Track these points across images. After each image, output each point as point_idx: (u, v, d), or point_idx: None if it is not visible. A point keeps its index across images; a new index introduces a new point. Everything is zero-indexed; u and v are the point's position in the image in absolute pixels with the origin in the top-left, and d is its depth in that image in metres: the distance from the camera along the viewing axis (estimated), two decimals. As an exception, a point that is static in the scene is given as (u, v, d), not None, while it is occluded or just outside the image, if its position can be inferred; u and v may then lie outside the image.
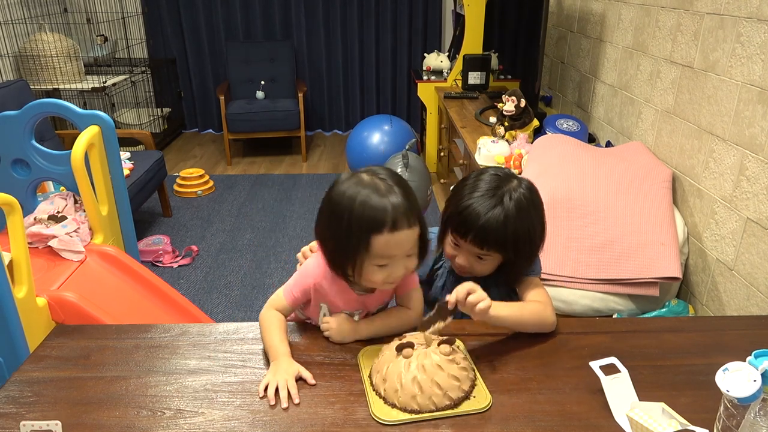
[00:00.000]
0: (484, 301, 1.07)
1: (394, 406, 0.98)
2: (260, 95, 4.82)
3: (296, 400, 1.00)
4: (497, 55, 3.99)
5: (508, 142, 2.60)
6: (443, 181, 4.00)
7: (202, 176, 4.09)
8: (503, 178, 1.21)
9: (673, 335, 1.21)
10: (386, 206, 1.03)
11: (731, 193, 1.80)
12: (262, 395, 1.01)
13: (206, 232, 3.49)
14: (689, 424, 0.91)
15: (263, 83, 4.90)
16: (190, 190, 4.01)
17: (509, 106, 2.60)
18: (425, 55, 4.48)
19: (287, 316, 1.20)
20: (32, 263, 1.84)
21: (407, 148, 3.57)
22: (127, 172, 3.10)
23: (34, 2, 4.32)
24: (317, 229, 1.12)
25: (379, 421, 0.96)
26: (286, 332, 1.14)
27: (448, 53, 4.46)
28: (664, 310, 1.88)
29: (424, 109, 4.30)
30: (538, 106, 3.05)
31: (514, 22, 3.65)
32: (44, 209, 2.22)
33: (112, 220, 2.38)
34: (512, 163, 2.40)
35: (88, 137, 2.19)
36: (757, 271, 1.69)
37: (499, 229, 1.14)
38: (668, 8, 2.20)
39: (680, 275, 1.83)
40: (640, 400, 0.98)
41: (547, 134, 2.53)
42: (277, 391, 1.01)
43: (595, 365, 1.00)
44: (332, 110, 5.47)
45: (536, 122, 2.68)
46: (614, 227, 1.91)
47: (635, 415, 0.91)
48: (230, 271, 3.04)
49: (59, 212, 2.22)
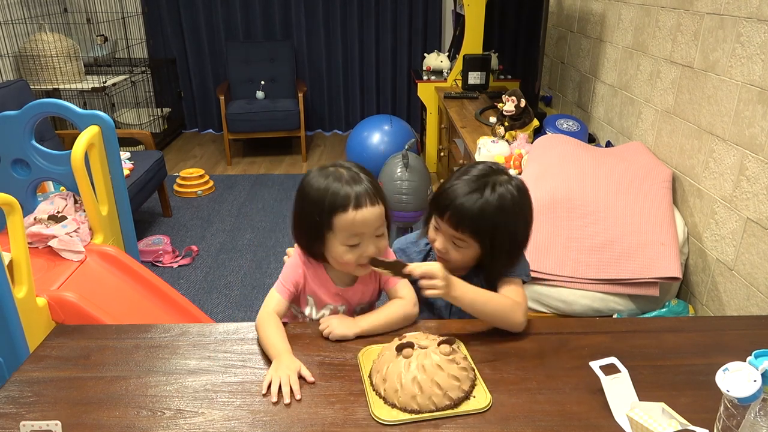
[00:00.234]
0: (434, 290, 1.10)
1: (394, 406, 0.98)
2: (260, 95, 4.82)
3: (298, 396, 1.00)
4: (497, 55, 3.99)
5: (508, 142, 2.60)
6: (443, 181, 4.00)
7: (202, 176, 4.09)
8: (495, 170, 1.22)
9: (673, 335, 1.21)
10: (349, 188, 1.12)
11: (731, 193, 1.80)
12: (264, 392, 1.02)
13: (206, 232, 3.49)
14: (689, 424, 0.91)
15: (263, 83, 4.90)
16: (190, 190, 4.01)
17: (509, 106, 2.60)
18: (425, 55, 4.48)
19: (284, 315, 1.21)
20: (32, 263, 1.84)
21: (407, 147, 3.57)
22: (127, 172, 3.10)
23: (34, 2, 4.32)
24: (292, 220, 1.20)
25: (379, 421, 0.96)
26: (284, 332, 1.15)
27: (448, 53, 4.46)
28: (664, 310, 1.88)
29: (424, 109, 4.30)
30: (538, 106, 3.05)
31: (514, 22, 3.65)
32: (44, 209, 2.22)
33: (112, 220, 2.38)
34: (512, 163, 2.39)
35: (88, 137, 2.19)
36: (757, 271, 1.69)
37: (474, 211, 1.15)
38: (668, 8, 2.20)
39: (680, 275, 1.83)
40: (640, 400, 0.98)
41: (547, 134, 2.53)
42: (279, 388, 1.01)
43: (595, 365, 1.00)
44: (332, 110, 5.47)
45: (536, 122, 2.67)
46: (614, 227, 1.91)
47: (635, 415, 0.91)
48: (230, 271, 3.04)
49: (59, 212, 2.22)
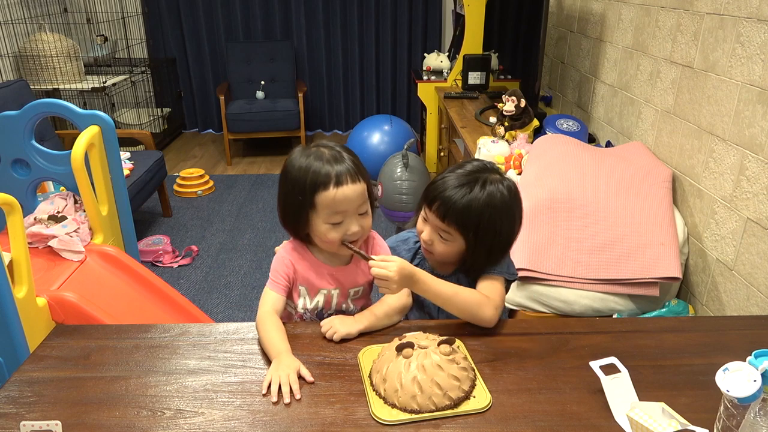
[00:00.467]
0: (388, 290, 1.13)
1: (394, 406, 0.98)
2: (260, 95, 4.82)
3: (297, 395, 1.00)
4: (497, 55, 3.99)
5: (508, 142, 2.60)
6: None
7: (202, 176, 4.09)
8: (488, 168, 1.22)
9: (673, 335, 1.21)
10: (329, 166, 1.13)
11: (731, 193, 1.80)
12: (265, 392, 1.02)
13: (206, 232, 3.49)
14: (689, 424, 0.91)
15: (263, 83, 4.90)
16: (190, 190, 4.01)
17: (509, 106, 2.60)
18: (425, 55, 4.48)
19: (282, 311, 1.21)
20: (32, 263, 1.84)
21: (406, 147, 3.57)
22: (127, 172, 3.10)
23: (34, 2, 4.32)
24: (278, 202, 1.21)
25: (379, 421, 0.96)
26: (284, 331, 1.15)
27: (448, 53, 4.46)
28: (664, 310, 1.88)
29: (424, 109, 4.30)
30: (538, 106, 3.05)
31: (514, 22, 3.64)
32: (44, 209, 2.22)
33: (112, 220, 2.38)
34: (512, 163, 2.39)
35: (88, 137, 2.19)
36: (757, 271, 1.69)
37: (462, 204, 1.16)
38: (668, 8, 2.20)
39: (680, 275, 1.83)
40: (640, 400, 0.98)
41: (547, 134, 2.53)
42: (279, 388, 1.01)
43: (595, 365, 1.00)
44: (332, 110, 5.47)
45: (536, 122, 2.67)
46: (614, 227, 1.91)
47: (635, 415, 0.91)
48: (230, 271, 3.04)
49: (59, 212, 2.22)
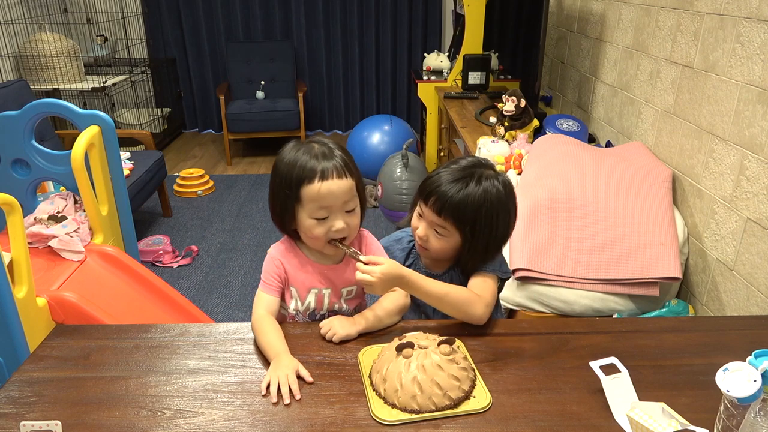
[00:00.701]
0: (367, 289, 1.14)
1: (394, 406, 0.98)
2: (260, 95, 4.82)
3: (297, 396, 1.00)
4: (497, 55, 3.99)
5: (508, 142, 2.60)
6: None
7: (202, 176, 4.09)
8: (482, 164, 1.23)
9: (673, 335, 1.21)
10: (316, 161, 1.13)
11: (731, 193, 1.80)
12: (264, 393, 1.02)
13: (206, 232, 3.49)
14: (689, 424, 0.91)
15: (263, 83, 4.90)
16: (190, 190, 4.02)
17: (509, 106, 2.60)
18: (425, 55, 4.48)
19: (276, 313, 1.21)
20: (32, 263, 1.84)
21: (405, 147, 3.57)
22: (127, 172, 3.10)
23: (34, 2, 4.32)
24: (268, 198, 1.22)
25: (379, 421, 0.96)
26: (280, 332, 1.15)
27: (448, 53, 4.46)
28: (664, 310, 1.88)
29: (424, 109, 4.30)
30: (538, 106, 3.05)
31: (514, 22, 3.64)
32: (44, 209, 2.22)
33: (112, 220, 2.38)
34: (512, 163, 2.39)
35: (88, 137, 2.19)
36: (757, 271, 1.69)
37: (458, 199, 1.16)
38: (668, 8, 2.20)
39: (680, 275, 1.83)
40: (640, 400, 0.98)
41: (547, 134, 2.53)
42: (278, 388, 1.01)
43: (595, 365, 1.00)
44: (332, 110, 5.47)
45: (536, 122, 2.67)
46: (614, 227, 1.91)
47: (635, 415, 0.91)
48: (230, 271, 3.04)
49: (59, 212, 2.22)
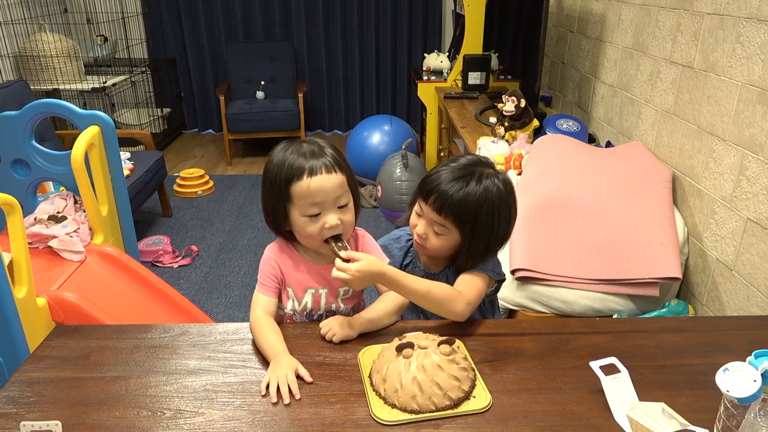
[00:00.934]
0: (346, 279, 1.10)
1: (394, 406, 0.98)
2: (260, 95, 4.82)
3: (297, 396, 1.00)
4: (497, 55, 3.99)
5: (508, 142, 2.60)
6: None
7: (202, 176, 4.09)
8: (482, 162, 1.23)
9: (673, 335, 1.21)
10: (304, 159, 1.12)
11: (731, 193, 1.80)
12: (264, 393, 1.02)
13: (206, 232, 3.49)
14: (689, 424, 0.91)
15: (263, 83, 4.90)
16: (190, 190, 4.02)
17: (509, 106, 2.60)
18: (425, 55, 4.47)
19: (274, 314, 1.21)
20: (32, 263, 1.84)
21: (404, 147, 3.57)
22: (127, 172, 3.10)
23: (34, 2, 4.32)
24: (261, 200, 1.22)
25: (379, 421, 0.96)
26: (279, 332, 1.15)
27: (448, 53, 4.46)
28: (664, 310, 1.88)
29: (424, 109, 4.30)
30: (538, 106, 3.05)
31: (514, 22, 3.64)
32: (44, 209, 2.22)
33: (112, 220, 2.38)
34: (512, 163, 2.39)
35: (88, 137, 2.19)
36: (757, 271, 1.69)
37: (459, 197, 1.16)
38: (668, 8, 2.20)
39: (680, 275, 1.83)
40: (640, 400, 0.98)
41: (547, 134, 2.53)
42: (278, 389, 1.01)
43: (595, 365, 1.00)
44: (332, 110, 5.47)
45: (536, 122, 2.67)
46: (614, 227, 1.91)
47: (635, 415, 0.91)
48: (230, 271, 3.04)
49: (59, 212, 2.22)
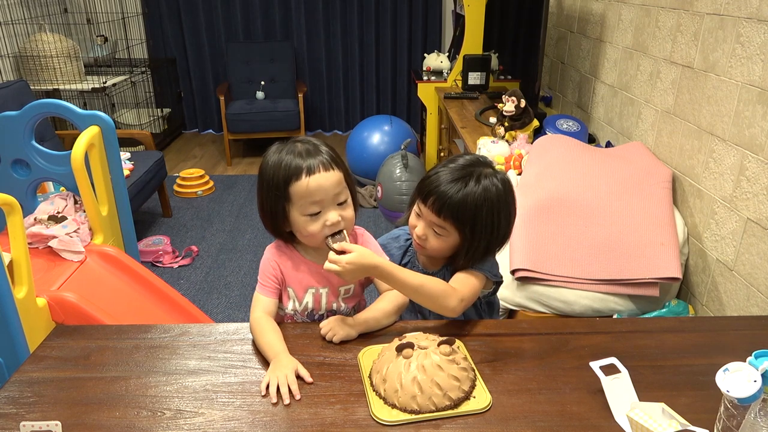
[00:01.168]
0: (337, 271, 1.10)
1: (394, 406, 0.98)
2: (260, 95, 4.82)
3: (297, 396, 1.00)
4: (497, 55, 3.99)
5: (508, 142, 2.60)
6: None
7: (202, 176, 4.09)
8: (481, 162, 1.22)
9: (673, 335, 1.21)
10: (301, 159, 1.12)
11: (731, 193, 1.80)
12: (264, 393, 1.02)
13: (206, 232, 3.49)
14: (689, 424, 0.91)
15: (263, 83, 4.90)
16: (190, 190, 4.02)
17: (509, 106, 2.60)
18: (425, 55, 4.48)
19: (274, 314, 1.21)
20: (32, 263, 1.84)
21: (403, 147, 3.57)
22: (127, 172, 3.10)
23: (34, 2, 4.32)
24: (257, 203, 1.20)
25: (379, 421, 0.96)
26: (279, 332, 1.15)
27: (448, 53, 4.46)
28: (664, 310, 1.88)
29: (424, 109, 4.30)
30: (538, 106, 3.05)
31: (514, 22, 3.64)
32: (44, 210, 2.22)
33: (112, 220, 2.38)
34: (512, 163, 2.39)
35: (88, 138, 2.19)
36: (757, 271, 1.68)
37: (458, 199, 1.15)
38: (668, 8, 2.20)
39: (680, 275, 1.83)
40: (640, 400, 0.98)
41: (547, 134, 2.53)
42: (278, 389, 1.01)
43: (595, 365, 1.00)
44: (332, 110, 5.47)
45: (536, 122, 2.67)
46: (614, 227, 1.91)
47: (635, 415, 0.91)
48: (230, 271, 3.04)
49: (59, 213, 2.22)
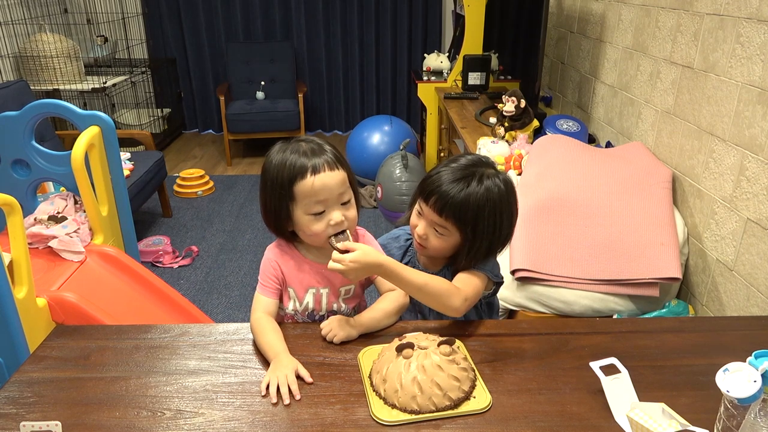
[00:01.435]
0: (341, 269, 1.09)
1: (394, 406, 0.98)
2: (260, 96, 4.82)
3: (297, 396, 1.00)
4: (497, 55, 3.99)
5: (508, 142, 2.60)
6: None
7: (202, 177, 4.09)
8: (484, 162, 1.22)
9: (673, 335, 1.21)
10: (306, 158, 1.12)
11: (731, 193, 1.80)
12: (264, 393, 1.02)
13: (206, 232, 3.49)
14: (689, 424, 0.91)
15: (263, 83, 4.90)
16: (190, 190, 4.02)
17: (509, 106, 2.60)
18: (425, 55, 4.48)
19: (275, 314, 1.21)
20: (32, 264, 1.84)
21: (402, 147, 3.57)
22: (127, 172, 3.10)
23: (34, 3, 4.32)
24: (260, 202, 1.20)
25: (379, 421, 0.96)
26: (280, 332, 1.14)
27: (448, 54, 4.46)
28: (664, 310, 1.88)
29: (424, 109, 4.30)
30: (538, 106, 3.05)
31: (514, 22, 3.65)
32: (44, 210, 2.22)
33: (112, 220, 2.38)
34: (512, 163, 2.39)
35: (88, 138, 2.19)
36: (757, 271, 1.68)
37: (460, 199, 1.15)
38: (668, 9, 2.20)
39: (680, 276, 1.83)
40: (640, 400, 0.98)
41: (547, 135, 2.53)
42: (278, 389, 1.01)
43: (595, 365, 1.00)
44: (332, 110, 5.47)
45: (536, 123, 2.67)
46: (614, 228, 1.91)
47: (635, 415, 0.91)
48: (230, 271, 3.04)
49: (59, 213, 2.22)
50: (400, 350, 1.01)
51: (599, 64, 2.85)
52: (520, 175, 2.31)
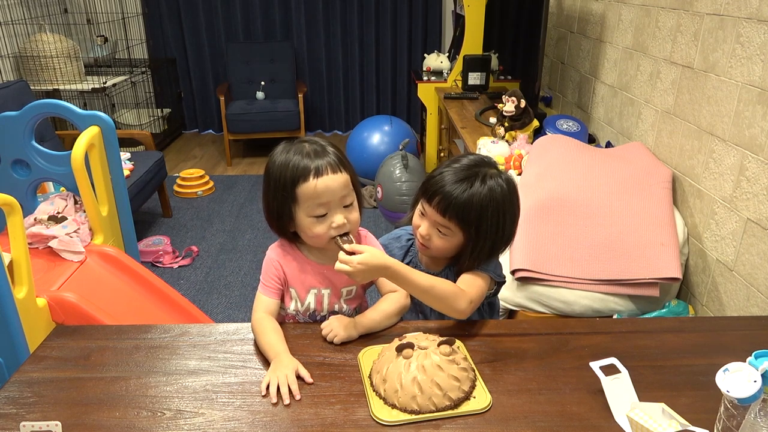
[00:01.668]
0: (348, 271, 1.08)
1: (394, 406, 0.98)
2: (260, 96, 4.82)
3: (297, 396, 1.00)
4: (497, 55, 3.99)
5: (508, 142, 2.60)
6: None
7: (202, 177, 4.09)
8: (486, 162, 1.22)
9: (673, 336, 1.21)
10: (309, 159, 1.12)
11: (731, 193, 1.80)
12: (264, 393, 1.02)
13: (206, 232, 3.49)
14: (689, 424, 0.91)
15: (263, 83, 4.90)
16: (190, 190, 4.02)
17: (509, 106, 2.60)
18: (425, 55, 4.48)
19: (276, 314, 1.21)
20: (32, 264, 1.84)
21: (401, 147, 3.57)
22: (127, 172, 3.10)
23: (34, 3, 4.32)
24: (263, 202, 1.21)
25: (379, 421, 0.96)
26: (281, 332, 1.14)
27: (448, 54, 4.46)
28: (664, 310, 1.88)
29: (424, 109, 4.30)
30: (538, 106, 3.05)
31: (514, 22, 3.65)
32: (44, 210, 2.22)
33: (112, 220, 2.38)
34: (512, 163, 2.40)
35: (88, 138, 2.19)
36: (757, 271, 1.69)
37: (464, 198, 1.15)
38: (668, 9, 2.20)
39: (680, 276, 1.83)
40: (640, 400, 0.98)
41: (547, 135, 2.53)
42: (278, 389, 1.01)
43: (595, 365, 1.00)
44: (332, 111, 5.47)
45: (536, 123, 2.67)
46: (614, 228, 1.91)
47: (635, 415, 0.91)
48: (230, 271, 3.04)
49: (59, 213, 2.22)
50: (400, 350, 1.01)
51: (599, 64, 2.85)
52: (520, 175, 2.31)
